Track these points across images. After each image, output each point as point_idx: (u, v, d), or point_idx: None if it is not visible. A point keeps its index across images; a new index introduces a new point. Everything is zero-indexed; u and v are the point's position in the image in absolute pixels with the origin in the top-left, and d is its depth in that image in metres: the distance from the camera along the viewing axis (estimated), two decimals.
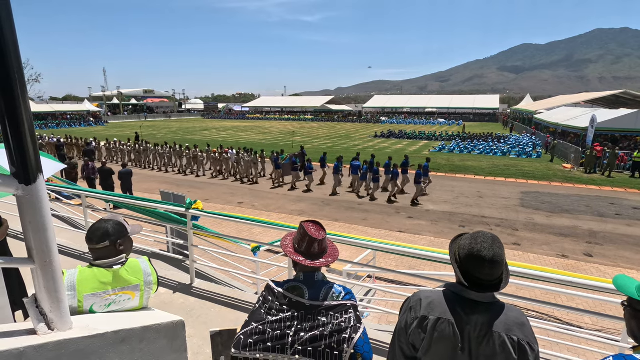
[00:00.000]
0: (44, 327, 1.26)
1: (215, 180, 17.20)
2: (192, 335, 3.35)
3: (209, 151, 18.84)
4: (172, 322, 1.66)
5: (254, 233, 9.36)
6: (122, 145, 22.44)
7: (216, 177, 17.71)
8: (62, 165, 4.83)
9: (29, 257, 1.23)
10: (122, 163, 20.09)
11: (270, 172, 16.91)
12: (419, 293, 1.53)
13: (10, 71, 1.07)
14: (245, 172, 16.93)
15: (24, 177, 1.15)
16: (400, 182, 13.98)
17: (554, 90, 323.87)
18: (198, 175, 18.11)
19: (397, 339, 1.51)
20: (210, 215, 4.60)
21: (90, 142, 22.71)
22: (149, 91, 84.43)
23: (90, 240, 1.91)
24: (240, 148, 18.23)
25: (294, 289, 1.61)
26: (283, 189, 15.40)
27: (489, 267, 1.36)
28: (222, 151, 18.10)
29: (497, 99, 70.46)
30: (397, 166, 13.52)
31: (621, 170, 19.22)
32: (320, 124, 58.47)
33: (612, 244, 9.50)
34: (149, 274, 2.01)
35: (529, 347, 1.33)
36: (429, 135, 36.38)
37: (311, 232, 1.65)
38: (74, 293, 1.76)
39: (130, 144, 22.25)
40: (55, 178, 8.87)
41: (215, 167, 18.10)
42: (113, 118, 64.14)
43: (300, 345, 1.49)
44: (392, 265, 7.74)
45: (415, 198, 13.12)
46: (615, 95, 37.27)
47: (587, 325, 5.75)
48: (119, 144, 22.82)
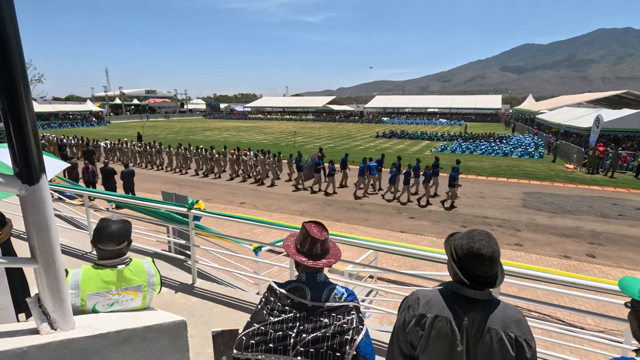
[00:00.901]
0: (46, 327, 1.26)
1: (220, 180, 17.22)
2: (194, 335, 3.36)
3: (225, 153, 18.39)
4: (174, 322, 1.67)
5: (255, 233, 9.37)
6: (134, 146, 21.95)
7: (234, 180, 17.15)
8: (65, 164, 4.83)
9: (32, 257, 1.23)
10: (124, 163, 20.10)
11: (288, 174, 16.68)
12: (416, 292, 1.54)
13: (13, 71, 1.07)
14: (265, 175, 16.48)
15: (27, 177, 1.15)
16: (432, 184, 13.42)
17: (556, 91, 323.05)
18: (216, 177, 17.65)
19: (395, 338, 1.52)
20: (212, 215, 4.61)
21: (89, 142, 22.68)
22: (151, 91, 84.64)
23: (110, 241, 1.90)
24: (258, 150, 17.61)
25: (296, 289, 1.61)
26: (282, 188, 15.40)
27: (489, 264, 1.39)
28: (239, 153, 17.68)
29: (499, 99, 70.29)
30: (430, 168, 12.99)
31: (624, 170, 19.14)
32: (322, 124, 58.48)
33: (615, 244, 9.46)
34: (152, 274, 2.02)
35: (526, 344, 1.34)
36: (430, 135, 36.31)
37: (313, 232, 1.65)
38: (77, 292, 1.77)
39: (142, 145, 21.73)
40: (57, 178, 8.89)
41: (233, 169, 17.59)
42: (115, 118, 64.33)
43: (302, 347, 1.49)
44: (393, 266, 7.73)
45: (452, 201, 12.58)
46: (618, 95, 37.16)
47: (589, 327, 5.72)
48: (130, 144, 22.28)
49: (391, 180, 13.59)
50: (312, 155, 15.73)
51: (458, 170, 12.98)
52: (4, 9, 1.03)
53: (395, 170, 13.47)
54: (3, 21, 1.03)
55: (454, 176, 12.37)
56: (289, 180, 16.69)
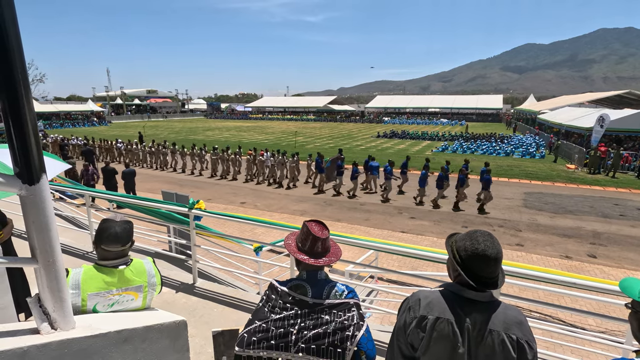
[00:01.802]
0: (47, 327, 1.27)
1: (221, 180, 17.22)
2: (195, 335, 3.36)
3: (240, 153, 17.70)
4: (174, 322, 1.67)
5: (256, 233, 9.37)
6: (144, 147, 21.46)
7: (251, 182, 16.59)
8: (67, 165, 4.84)
9: (33, 257, 1.23)
10: (125, 162, 20.00)
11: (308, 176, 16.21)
12: (417, 293, 1.53)
13: (14, 71, 1.07)
14: (284, 176, 15.79)
15: (27, 177, 1.15)
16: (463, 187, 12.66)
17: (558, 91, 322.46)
18: (235, 179, 17.00)
19: (395, 339, 1.51)
20: (213, 215, 4.62)
21: (87, 141, 22.60)
22: (152, 91, 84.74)
23: (114, 243, 1.90)
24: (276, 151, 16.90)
25: (297, 287, 1.62)
26: (283, 188, 15.40)
27: (494, 266, 1.39)
28: (256, 154, 16.99)
29: (500, 99, 70.22)
30: (464, 171, 12.36)
31: (625, 170, 19.10)
32: (323, 124, 58.48)
33: (616, 245, 9.44)
34: (152, 275, 2.02)
35: (528, 346, 1.34)
36: (431, 135, 36.30)
37: (315, 231, 1.66)
38: (78, 292, 1.77)
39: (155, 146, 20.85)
40: (58, 177, 8.91)
41: (250, 171, 16.98)
42: (116, 118, 64.41)
43: (303, 343, 1.50)
44: (394, 266, 7.72)
45: (483, 204, 12.10)
46: (620, 95, 37.09)
47: (590, 327, 5.71)
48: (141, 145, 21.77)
49: (421, 183, 12.86)
50: (333, 157, 15.34)
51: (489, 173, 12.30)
52: (5, 9, 1.03)
53: (425, 172, 12.84)
54: (3, 21, 1.03)
55: (488, 179, 11.82)
56: (307, 182, 16.18)
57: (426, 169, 13.10)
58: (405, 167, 14.76)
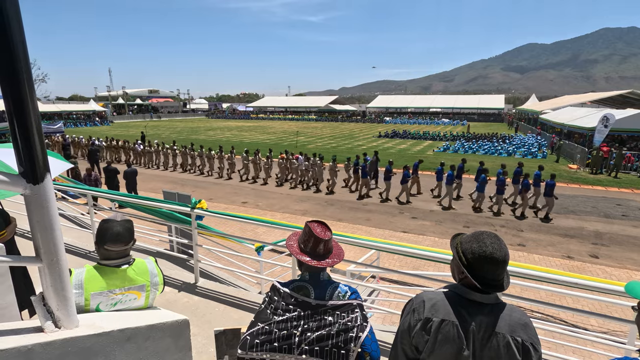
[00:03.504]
0: (51, 325, 1.27)
1: (222, 180, 17.24)
2: (197, 334, 3.37)
3: (271, 157, 16.94)
4: (176, 321, 1.67)
5: (258, 233, 9.38)
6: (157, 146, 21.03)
7: (282, 186, 15.89)
8: (70, 164, 4.86)
9: (36, 256, 1.24)
10: (126, 162, 20.04)
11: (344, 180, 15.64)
12: (421, 295, 1.51)
13: (19, 71, 1.08)
14: (322, 179, 15.21)
15: (31, 176, 1.16)
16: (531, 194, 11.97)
17: (560, 90, 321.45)
18: (266, 183, 16.26)
19: (399, 341, 1.50)
20: (215, 215, 4.63)
21: (93, 140, 22.61)
22: (154, 91, 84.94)
23: (117, 242, 1.90)
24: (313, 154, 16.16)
25: (300, 288, 1.61)
26: (285, 188, 15.40)
27: (501, 268, 1.38)
28: (288, 157, 16.52)
29: (502, 99, 70.05)
30: (529, 176, 11.73)
31: (628, 171, 19.03)
32: (324, 123, 58.46)
33: (619, 245, 9.41)
34: (155, 274, 2.02)
35: (533, 349, 1.33)
36: (433, 135, 36.24)
37: (317, 232, 1.65)
38: (81, 291, 1.78)
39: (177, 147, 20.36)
40: (61, 177, 8.93)
41: (284, 175, 16.44)
42: (118, 118, 64.53)
43: (307, 345, 1.49)
44: (395, 266, 7.72)
45: (548, 213, 11.39)
46: (622, 95, 36.90)
47: (592, 327, 5.69)
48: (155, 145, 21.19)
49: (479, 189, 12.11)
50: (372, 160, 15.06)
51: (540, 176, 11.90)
52: (9, 8, 1.03)
53: (484, 177, 12.04)
54: (8, 21, 1.03)
55: (552, 184, 11.09)
56: (345, 186, 15.45)
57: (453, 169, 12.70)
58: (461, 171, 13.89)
